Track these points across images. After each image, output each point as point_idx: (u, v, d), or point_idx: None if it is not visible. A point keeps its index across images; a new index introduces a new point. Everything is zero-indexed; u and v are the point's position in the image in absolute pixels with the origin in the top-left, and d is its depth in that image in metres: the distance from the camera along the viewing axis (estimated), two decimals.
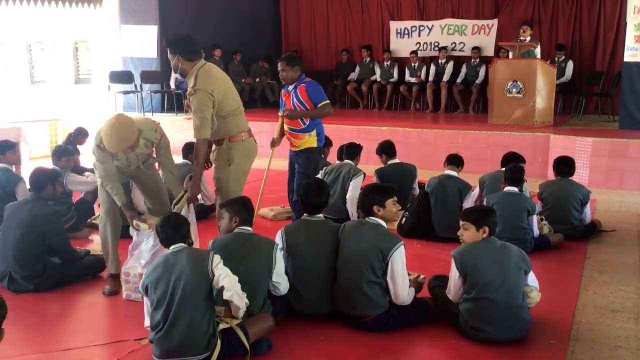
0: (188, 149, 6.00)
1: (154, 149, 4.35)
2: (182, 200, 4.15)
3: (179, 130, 9.83)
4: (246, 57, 12.46)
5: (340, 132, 8.93)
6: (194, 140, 4.21)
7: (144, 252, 4.18)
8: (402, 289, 3.60)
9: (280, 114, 5.40)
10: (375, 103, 12.08)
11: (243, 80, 12.17)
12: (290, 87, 5.25)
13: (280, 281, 3.61)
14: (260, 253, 3.54)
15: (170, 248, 3.29)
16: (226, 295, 3.18)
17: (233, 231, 3.65)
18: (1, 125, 8.28)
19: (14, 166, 5.86)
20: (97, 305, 4.18)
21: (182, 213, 3.98)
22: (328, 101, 5.29)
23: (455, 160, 5.63)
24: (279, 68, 5.21)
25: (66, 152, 5.84)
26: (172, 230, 3.31)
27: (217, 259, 3.24)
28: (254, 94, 12.43)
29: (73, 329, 3.78)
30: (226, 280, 3.17)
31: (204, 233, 4.58)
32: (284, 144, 5.58)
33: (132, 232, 4.24)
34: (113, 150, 4.06)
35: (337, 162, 6.16)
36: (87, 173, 6.47)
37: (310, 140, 5.29)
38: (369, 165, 7.20)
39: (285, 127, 5.35)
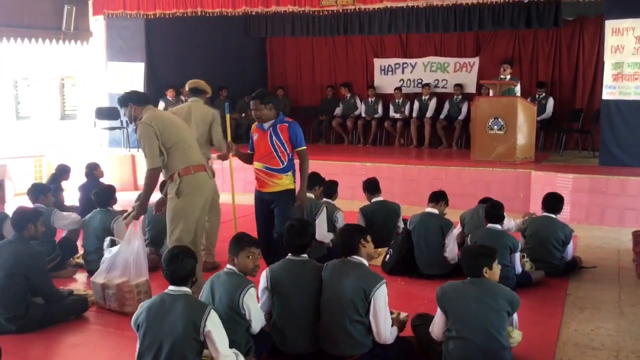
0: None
1: None
2: (129, 217, 4.79)
3: None
4: (232, 92, 12.58)
5: (325, 167, 8.97)
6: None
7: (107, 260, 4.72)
8: (384, 328, 3.62)
9: (249, 151, 5.06)
10: (360, 138, 12.20)
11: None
12: (267, 125, 4.87)
13: (253, 321, 3.59)
14: (230, 293, 3.54)
15: (170, 288, 3.26)
16: (215, 358, 3.18)
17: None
18: None
19: None
20: (81, 346, 4.16)
21: (127, 232, 4.59)
22: (305, 147, 5.03)
23: (436, 198, 5.67)
24: (252, 107, 4.88)
25: (42, 189, 5.85)
26: (176, 267, 3.25)
27: (212, 315, 3.17)
28: (240, 129, 12.51)
29: None
30: (220, 345, 3.16)
31: None
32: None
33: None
34: None
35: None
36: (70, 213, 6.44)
37: (288, 182, 4.95)
38: (355, 201, 7.27)
39: (259, 165, 4.94)
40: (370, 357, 3.64)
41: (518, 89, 9.64)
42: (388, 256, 5.68)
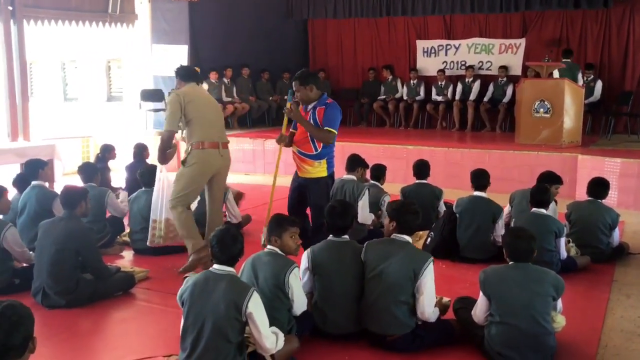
0: None
1: None
2: None
3: None
4: (274, 75, 12.63)
5: (366, 150, 8.96)
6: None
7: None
8: (429, 305, 3.63)
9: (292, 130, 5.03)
10: (401, 121, 12.12)
11: (270, 98, 12.33)
12: (309, 107, 4.84)
13: (295, 302, 3.61)
14: (276, 273, 3.58)
15: (216, 267, 3.30)
16: (257, 338, 3.22)
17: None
18: (36, 142, 8.49)
19: (47, 183, 6.04)
20: (128, 321, 4.28)
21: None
22: (336, 132, 4.83)
23: (483, 181, 5.61)
24: (294, 88, 4.85)
25: (94, 169, 5.99)
26: (224, 247, 3.27)
27: (255, 297, 3.18)
28: (281, 111, 12.56)
29: (104, 344, 3.88)
30: (261, 327, 3.19)
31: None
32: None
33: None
34: None
35: (342, 177, 5.95)
36: (119, 192, 6.61)
37: (320, 170, 4.87)
38: (395, 184, 7.24)
39: (294, 148, 4.94)
40: (412, 337, 3.65)
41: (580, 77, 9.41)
42: (429, 239, 5.66)
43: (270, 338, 3.25)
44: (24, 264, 4.78)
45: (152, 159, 7.78)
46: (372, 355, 3.67)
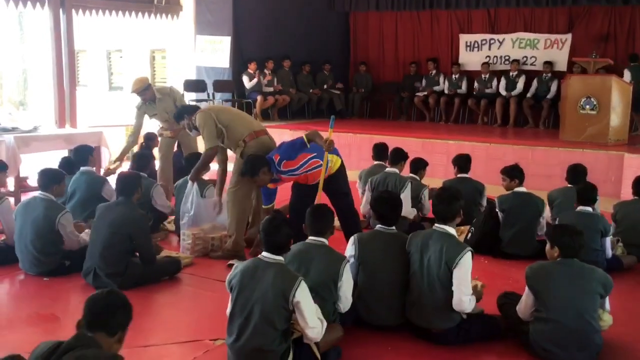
0: None
1: None
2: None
3: None
4: (314, 67, 12.66)
5: (406, 144, 8.89)
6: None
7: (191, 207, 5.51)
8: (464, 295, 3.60)
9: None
10: (442, 116, 12.03)
11: (311, 91, 12.37)
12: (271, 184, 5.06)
13: (342, 298, 3.62)
14: (329, 265, 3.61)
15: (265, 255, 3.34)
16: (303, 327, 3.25)
17: (306, 240, 3.77)
18: (84, 129, 8.70)
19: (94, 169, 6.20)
20: (174, 305, 4.38)
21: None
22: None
23: (521, 176, 5.59)
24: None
25: (147, 158, 6.12)
26: (268, 235, 3.32)
27: (302, 286, 3.21)
28: (321, 104, 12.61)
29: (152, 326, 3.98)
30: (308, 316, 3.22)
31: None
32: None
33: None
34: None
35: (386, 170, 6.07)
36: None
37: (335, 162, 5.02)
38: (434, 179, 7.21)
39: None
40: (457, 331, 3.65)
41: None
42: (470, 234, 5.63)
43: (317, 328, 3.28)
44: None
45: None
46: (415, 346, 3.69)
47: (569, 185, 5.68)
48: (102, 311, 2.46)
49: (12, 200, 5.25)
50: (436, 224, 3.79)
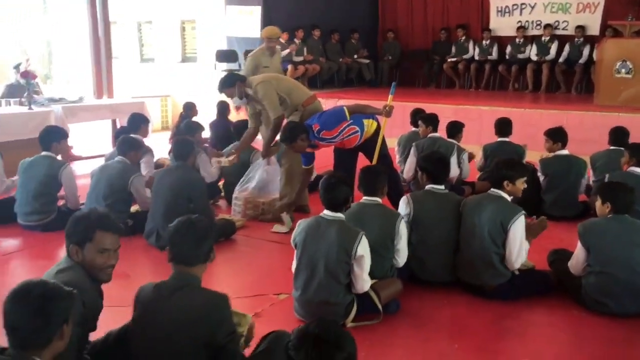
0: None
1: None
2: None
3: None
4: (343, 36, 12.66)
5: (437, 111, 8.96)
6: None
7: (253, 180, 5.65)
8: (516, 257, 3.73)
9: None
10: (472, 82, 12.02)
11: (340, 60, 12.40)
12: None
13: (400, 252, 3.78)
14: (385, 223, 3.75)
15: (326, 213, 3.49)
16: (356, 278, 3.42)
17: (360, 201, 3.91)
18: (127, 99, 8.89)
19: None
20: (234, 262, 4.58)
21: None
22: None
23: (565, 138, 5.67)
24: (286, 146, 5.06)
25: (197, 127, 6.28)
26: (327, 193, 3.47)
27: (364, 241, 3.37)
28: (350, 73, 12.65)
29: (216, 283, 4.15)
30: (365, 270, 3.39)
31: None
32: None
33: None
34: None
35: (432, 135, 6.21)
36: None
37: (371, 126, 5.10)
38: (468, 145, 7.27)
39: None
40: (509, 286, 3.79)
41: None
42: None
43: (368, 282, 3.46)
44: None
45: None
46: (470, 301, 3.83)
47: (612, 148, 5.73)
48: (189, 242, 2.62)
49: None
50: (492, 189, 3.92)
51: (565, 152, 5.59)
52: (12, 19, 18.18)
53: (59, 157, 5.37)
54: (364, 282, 3.43)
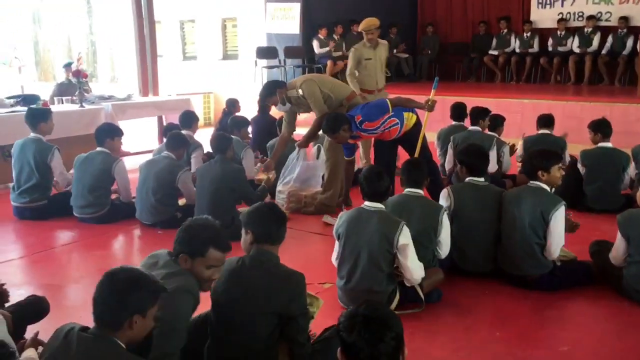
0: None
1: None
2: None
3: None
4: (382, 31, 12.60)
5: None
6: None
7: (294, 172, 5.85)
8: (555, 247, 3.79)
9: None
10: (512, 75, 11.94)
11: None
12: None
13: (442, 243, 3.86)
14: (428, 214, 3.85)
15: (367, 204, 3.60)
16: (404, 268, 3.51)
17: (403, 192, 4.02)
18: (174, 97, 9.13)
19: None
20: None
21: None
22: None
23: (608, 131, 5.65)
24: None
25: (242, 123, 6.44)
26: (370, 183, 3.57)
27: (405, 231, 3.46)
28: (389, 67, 12.67)
29: None
30: (410, 258, 3.47)
31: None
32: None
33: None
34: None
35: (469, 129, 6.27)
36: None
37: (410, 119, 5.24)
38: (509, 138, 7.27)
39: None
40: (550, 277, 3.85)
41: None
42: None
43: (418, 271, 3.54)
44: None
45: None
46: (510, 291, 3.90)
47: None
48: (270, 223, 2.85)
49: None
50: (530, 181, 3.97)
51: (607, 144, 5.56)
52: (59, 20, 18.77)
53: None
54: (412, 272, 3.50)
